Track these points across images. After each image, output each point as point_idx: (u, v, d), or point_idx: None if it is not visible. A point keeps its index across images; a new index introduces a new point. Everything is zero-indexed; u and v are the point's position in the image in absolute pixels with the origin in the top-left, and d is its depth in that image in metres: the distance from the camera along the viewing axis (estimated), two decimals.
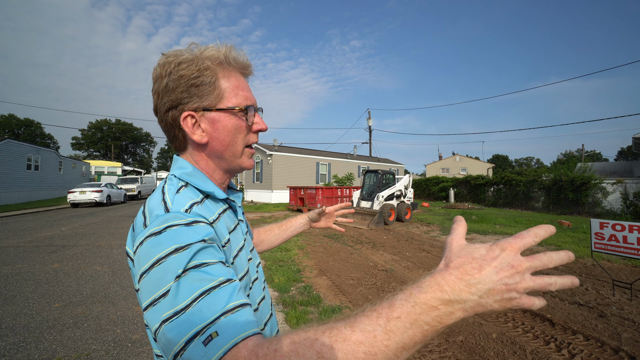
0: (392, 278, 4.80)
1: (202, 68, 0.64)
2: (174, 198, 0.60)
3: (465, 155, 45.96)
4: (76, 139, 59.10)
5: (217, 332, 0.44)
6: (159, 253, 0.50)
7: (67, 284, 4.42)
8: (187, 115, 0.65)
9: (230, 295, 0.48)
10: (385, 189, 11.47)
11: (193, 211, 0.58)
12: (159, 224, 0.53)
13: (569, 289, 2.96)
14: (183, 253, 0.49)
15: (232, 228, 0.69)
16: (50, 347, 2.80)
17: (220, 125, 0.66)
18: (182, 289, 0.47)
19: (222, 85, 0.66)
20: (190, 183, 0.66)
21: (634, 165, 23.38)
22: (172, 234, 0.52)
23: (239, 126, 0.68)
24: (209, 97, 0.65)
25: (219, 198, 0.69)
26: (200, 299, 0.46)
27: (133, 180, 24.14)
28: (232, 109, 0.66)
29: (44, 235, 8.10)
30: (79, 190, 16.07)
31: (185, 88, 0.64)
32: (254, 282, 0.72)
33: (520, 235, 0.44)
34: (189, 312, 0.45)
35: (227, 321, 0.45)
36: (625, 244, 3.97)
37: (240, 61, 0.69)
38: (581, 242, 7.38)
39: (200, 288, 0.47)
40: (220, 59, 0.66)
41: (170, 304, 0.46)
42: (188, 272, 0.48)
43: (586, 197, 14.89)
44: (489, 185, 20.23)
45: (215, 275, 0.49)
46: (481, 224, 10.54)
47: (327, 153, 26.05)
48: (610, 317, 3.40)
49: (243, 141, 0.69)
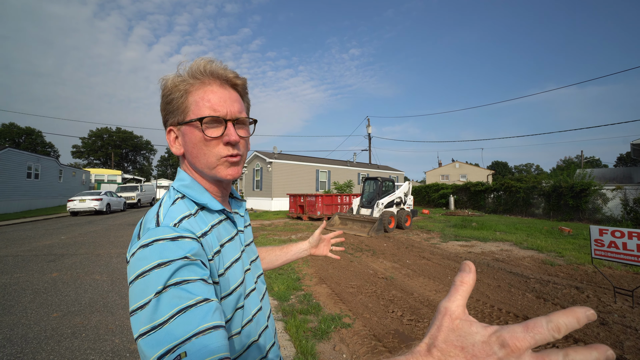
0: (392, 286, 4.78)
1: (172, 85, 0.69)
2: (167, 211, 0.64)
3: (465, 162, 46.05)
4: (76, 147, 59.31)
5: (186, 353, 0.46)
6: (144, 266, 0.53)
7: (65, 294, 4.40)
8: (169, 130, 0.72)
9: (205, 315, 0.50)
10: (385, 196, 11.48)
11: (181, 225, 0.60)
12: (148, 237, 0.57)
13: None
14: (165, 269, 0.52)
15: (227, 239, 0.71)
16: (48, 357, 2.77)
17: (187, 139, 0.69)
18: (160, 305, 0.50)
19: (189, 99, 0.69)
20: (187, 195, 0.70)
21: (633, 172, 23.43)
22: (157, 249, 0.55)
23: (202, 138, 0.67)
24: (178, 111, 0.69)
25: (214, 209, 0.71)
26: (177, 316, 0.49)
27: (133, 188, 24.13)
28: (191, 121, 0.67)
29: (43, 244, 8.07)
30: (78, 199, 16.05)
31: (164, 106, 0.72)
32: (249, 293, 0.73)
33: (533, 325, 0.28)
34: (163, 330, 0.48)
35: (198, 342, 0.47)
36: (625, 250, 3.97)
37: (207, 71, 0.68)
38: (582, 249, 7.35)
39: (178, 305, 0.50)
40: (187, 74, 0.69)
41: (148, 318, 0.49)
42: (168, 288, 0.51)
43: (586, 203, 14.88)
44: (489, 192, 20.23)
45: (194, 293, 0.52)
46: (481, 231, 10.51)
47: (327, 160, 26.12)
48: (612, 325, 3.38)
49: (212, 153, 0.67)
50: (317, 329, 3.29)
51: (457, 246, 8.12)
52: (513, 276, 5.31)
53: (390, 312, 3.79)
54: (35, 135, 53.91)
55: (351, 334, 3.23)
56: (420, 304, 4.02)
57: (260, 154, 21.13)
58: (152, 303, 0.50)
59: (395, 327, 3.39)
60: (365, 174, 25.44)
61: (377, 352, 2.85)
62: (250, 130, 0.77)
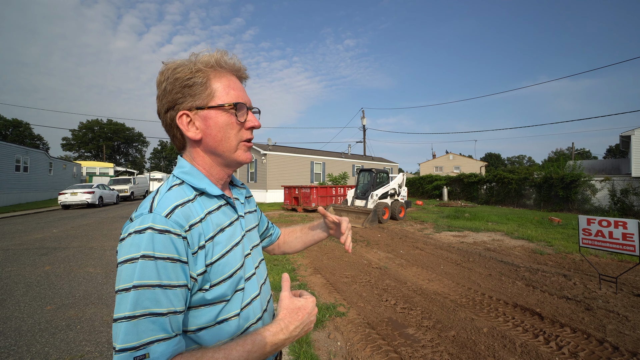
0: (386, 275, 4.85)
1: (194, 70, 0.69)
2: (162, 197, 0.66)
3: (459, 154, 46.41)
4: (66, 139, 58.15)
5: (149, 354, 0.54)
6: (133, 253, 0.57)
7: (59, 287, 4.38)
8: (182, 114, 0.71)
9: (166, 325, 0.57)
10: (380, 187, 11.55)
11: (173, 217, 0.62)
12: (142, 223, 0.60)
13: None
14: (150, 263, 0.56)
15: (226, 224, 0.72)
16: (42, 350, 2.78)
17: (212, 122, 0.70)
18: (138, 300, 0.55)
19: (214, 85, 0.71)
20: (186, 181, 0.71)
21: (621, 163, 23.88)
22: (148, 239, 0.58)
23: (230, 122, 0.71)
24: (201, 96, 0.70)
25: (213, 195, 0.72)
26: (148, 317, 0.55)
27: (125, 181, 23.84)
28: (222, 105, 0.70)
29: (35, 238, 7.98)
30: (70, 192, 15.82)
31: (179, 89, 0.70)
32: (249, 278, 0.75)
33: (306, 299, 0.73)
34: (133, 323, 0.54)
35: (157, 349, 0.55)
36: (611, 239, 4.08)
37: (232, 64, 0.74)
38: (570, 238, 7.53)
39: (152, 308, 0.55)
40: (212, 63, 0.71)
41: (125, 306, 0.55)
42: (148, 288, 0.56)
43: (576, 194, 15.17)
44: (482, 183, 20.47)
45: (171, 302, 0.57)
46: (474, 222, 10.68)
47: (322, 152, 26.08)
48: (596, 310, 3.50)
49: (236, 137, 0.72)
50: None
51: (450, 236, 8.24)
52: (504, 265, 5.43)
53: (384, 300, 3.87)
54: (23, 127, 52.66)
55: (345, 322, 3.29)
56: (413, 293, 4.10)
57: (254, 145, 20.89)
58: (132, 294, 0.55)
59: (389, 315, 3.46)
60: (360, 165, 25.48)
61: (371, 340, 2.92)
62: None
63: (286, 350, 2.69)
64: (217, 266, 0.66)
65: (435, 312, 3.49)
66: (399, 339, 2.94)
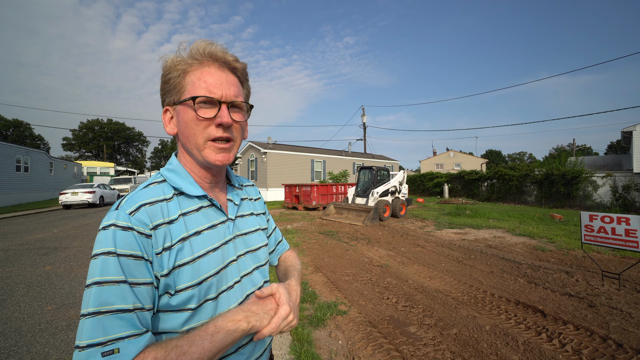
0: (387, 273, 4.84)
1: (171, 65, 0.69)
2: (132, 196, 0.64)
3: (459, 151, 46.29)
4: (67, 139, 58.17)
5: (119, 350, 0.52)
6: (98, 248, 0.57)
7: (59, 287, 4.37)
8: (165, 110, 0.72)
9: (134, 322, 0.55)
10: (380, 185, 11.52)
11: (137, 215, 0.60)
12: (107, 220, 0.60)
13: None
14: (111, 260, 0.56)
15: (204, 227, 0.68)
16: (42, 350, 2.77)
17: (181, 118, 0.69)
18: (101, 296, 0.54)
19: (186, 79, 0.69)
20: (167, 179, 0.70)
21: (622, 159, 23.79)
22: (110, 235, 0.58)
23: (193, 117, 0.67)
24: (175, 91, 0.70)
25: (192, 195, 0.69)
26: (114, 314, 0.54)
27: (126, 180, 23.87)
28: (185, 100, 0.67)
29: (35, 238, 7.99)
30: (70, 192, 15.83)
31: (162, 85, 0.71)
32: (230, 287, 0.70)
33: (281, 315, 0.67)
34: (98, 319, 0.53)
35: (126, 345, 0.53)
36: (614, 235, 4.05)
37: (207, 53, 0.68)
38: (572, 235, 7.50)
39: (115, 304, 0.54)
40: (187, 55, 0.69)
41: (88, 302, 0.54)
42: (111, 284, 0.55)
43: (577, 190, 15.12)
44: (483, 180, 20.42)
45: (130, 300, 0.56)
46: (475, 219, 10.65)
47: (322, 150, 26.03)
48: (599, 307, 3.47)
49: (202, 134, 0.67)
50: (313, 316, 3.33)
51: (451, 234, 8.22)
52: (505, 262, 5.41)
53: (385, 298, 3.85)
54: (24, 128, 52.69)
55: (347, 320, 3.28)
56: (414, 291, 4.08)
57: (254, 144, 20.97)
58: (94, 291, 0.54)
59: (390, 313, 3.44)
60: (361, 163, 25.43)
61: (373, 338, 2.90)
62: (245, 116, 0.75)
63: (287, 350, 2.68)
64: (184, 271, 0.62)
65: (437, 310, 3.47)
66: (400, 337, 2.92)
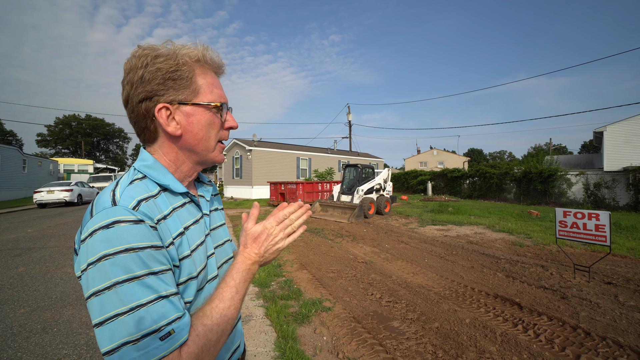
0: (372, 270, 4.91)
1: (180, 63, 0.67)
2: (124, 190, 0.61)
3: (443, 149, 47.28)
4: (42, 135, 55.46)
5: (174, 330, 0.54)
6: (108, 249, 0.53)
7: (34, 288, 4.19)
8: (162, 107, 0.66)
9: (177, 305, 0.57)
10: (365, 182, 11.63)
11: (140, 209, 0.58)
12: (106, 218, 0.56)
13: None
14: (133, 255, 0.54)
15: (190, 223, 0.70)
16: (15, 355, 2.66)
17: (195, 120, 0.68)
18: (136, 290, 0.53)
19: (199, 81, 0.69)
20: (148, 176, 0.67)
21: (594, 158, 24.97)
22: (122, 232, 0.54)
23: (212, 122, 0.70)
24: (185, 91, 0.67)
25: (177, 192, 0.69)
26: (156, 302, 0.54)
27: (106, 178, 23.06)
28: (208, 104, 0.69)
29: (7, 238, 7.61)
30: (46, 190, 15.15)
31: (162, 80, 0.66)
32: (209, 280, 0.72)
33: (274, 213, 0.76)
34: (143, 310, 0.53)
35: (179, 325, 0.56)
36: (585, 230, 4.27)
37: (215, 61, 0.73)
38: (548, 230, 7.83)
39: (157, 292, 0.55)
40: (198, 57, 0.69)
41: (120, 301, 0.52)
42: (141, 278, 0.54)
43: (553, 188, 15.78)
44: (465, 178, 20.97)
45: (168, 284, 0.57)
46: (457, 216, 10.93)
47: (308, 148, 25.99)
48: (571, 299, 3.65)
49: (216, 137, 0.72)
50: (298, 313, 3.35)
51: (434, 230, 8.41)
52: (485, 257, 5.59)
53: (369, 294, 3.91)
54: None
55: (331, 317, 3.31)
56: (398, 286, 4.16)
57: (239, 141, 20.70)
58: (125, 287, 0.52)
59: (374, 308, 3.50)
60: (346, 161, 25.58)
61: (357, 334, 2.94)
62: None
63: (271, 347, 2.68)
64: (184, 264, 0.64)
65: (420, 305, 3.56)
66: (384, 332, 2.98)
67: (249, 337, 2.85)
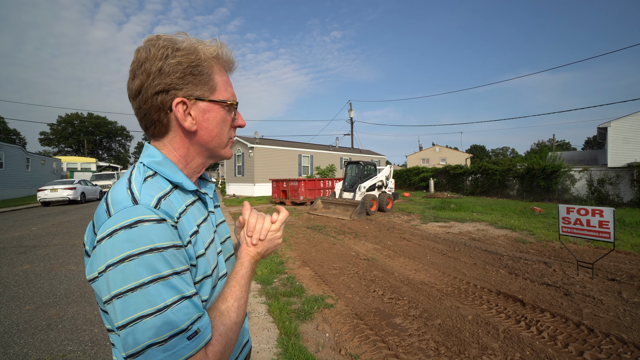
0: (374, 266, 4.91)
1: (202, 58, 0.66)
2: (141, 188, 0.59)
3: (445, 146, 47.12)
4: (45, 134, 55.73)
5: (199, 329, 0.55)
6: (132, 249, 0.52)
7: (39, 286, 4.23)
8: (180, 101, 0.65)
9: (198, 305, 0.57)
10: (367, 179, 11.62)
11: (161, 207, 0.58)
12: (128, 217, 0.54)
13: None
14: (158, 255, 0.53)
15: (201, 220, 0.69)
16: (21, 351, 2.69)
17: (211, 116, 0.69)
18: (161, 291, 0.52)
19: (216, 78, 0.69)
20: (159, 173, 0.66)
21: (598, 154, 24.78)
22: (146, 232, 0.53)
23: (226, 119, 0.71)
24: (204, 87, 0.67)
25: (188, 189, 0.69)
26: (179, 302, 0.54)
27: (109, 176, 23.20)
28: (224, 102, 0.70)
29: (12, 236, 7.68)
30: (49, 188, 15.26)
31: (182, 75, 0.64)
32: (220, 277, 0.72)
33: (277, 218, 0.78)
34: (170, 312, 0.52)
35: (202, 324, 0.57)
36: (589, 227, 4.24)
37: (231, 59, 0.73)
38: (551, 227, 7.80)
39: (180, 293, 0.54)
40: (217, 54, 0.69)
41: (148, 302, 0.51)
42: (167, 278, 0.53)
43: (556, 184, 15.69)
44: (467, 175, 20.89)
45: (189, 285, 0.57)
46: (460, 212, 10.91)
47: (309, 145, 25.97)
48: (574, 295, 3.64)
49: (228, 134, 0.73)
50: (301, 310, 3.36)
51: (436, 227, 8.40)
52: (488, 254, 5.58)
53: (371, 291, 3.91)
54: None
55: (334, 313, 3.32)
56: (400, 283, 4.17)
57: (241, 139, 20.71)
58: (152, 288, 0.52)
59: (377, 305, 3.51)
60: (348, 158, 25.55)
61: (359, 330, 2.95)
62: None
63: (274, 343, 2.69)
64: (201, 262, 0.64)
65: (422, 302, 3.56)
66: (386, 328, 2.98)
67: (251, 333, 2.87)
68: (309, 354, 2.51)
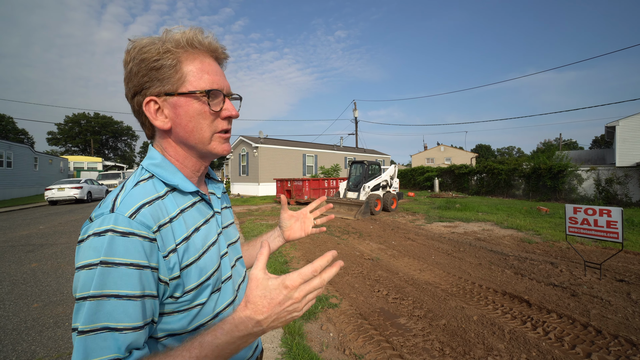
0: (378, 266, 4.89)
1: (161, 51, 0.61)
2: (126, 195, 0.59)
3: (450, 145, 46.78)
4: (52, 133, 56.48)
5: None
6: (91, 258, 0.52)
7: (46, 284, 4.29)
8: (149, 101, 0.63)
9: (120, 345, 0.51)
10: (372, 179, 11.58)
11: (138, 217, 0.56)
12: (102, 225, 0.54)
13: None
14: (110, 271, 0.51)
15: (201, 223, 0.67)
16: (29, 348, 2.72)
17: (182, 111, 0.64)
18: (93, 313, 0.50)
19: (185, 68, 0.63)
20: (156, 175, 0.65)
21: (606, 153, 24.42)
22: (107, 243, 0.52)
23: (202, 111, 0.64)
24: (170, 80, 0.63)
25: (187, 191, 0.67)
26: (103, 332, 0.50)
27: (115, 175, 23.46)
28: (194, 92, 0.63)
29: (20, 235, 7.79)
30: (57, 187, 15.46)
31: (146, 72, 0.62)
32: (224, 281, 0.70)
33: (302, 271, 0.53)
34: (82, 339, 0.49)
35: None
36: (596, 227, 4.18)
37: (206, 43, 0.65)
38: (557, 227, 7.71)
39: (109, 321, 0.50)
40: (183, 42, 0.63)
41: (80, 317, 0.50)
42: (105, 299, 0.51)
43: (563, 184, 15.50)
44: (472, 174, 20.73)
45: (123, 318, 0.51)
46: (465, 212, 10.83)
47: (314, 145, 25.96)
48: (581, 296, 3.59)
49: (210, 127, 0.66)
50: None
51: (441, 227, 8.35)
52: (493, 254, 5.53)
53: (376, 291, 3.90)
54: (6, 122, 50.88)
55: (338, 313, 3.31)
56: (404, 283, 4.15)
57: (245, 138, 20.77)
58: (87, 306, 0.50)
59: (381, 305, 3.50)
60: (352, 157, 25.50)
61: (363, 330, 2.94)
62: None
63: (278, 343, 2.70)
64: (191, 270, 0.61)
65: (427, 302, 3.54)
66: (390, 328, 2.97)
67: None
68: (313, 354, 2.51)
